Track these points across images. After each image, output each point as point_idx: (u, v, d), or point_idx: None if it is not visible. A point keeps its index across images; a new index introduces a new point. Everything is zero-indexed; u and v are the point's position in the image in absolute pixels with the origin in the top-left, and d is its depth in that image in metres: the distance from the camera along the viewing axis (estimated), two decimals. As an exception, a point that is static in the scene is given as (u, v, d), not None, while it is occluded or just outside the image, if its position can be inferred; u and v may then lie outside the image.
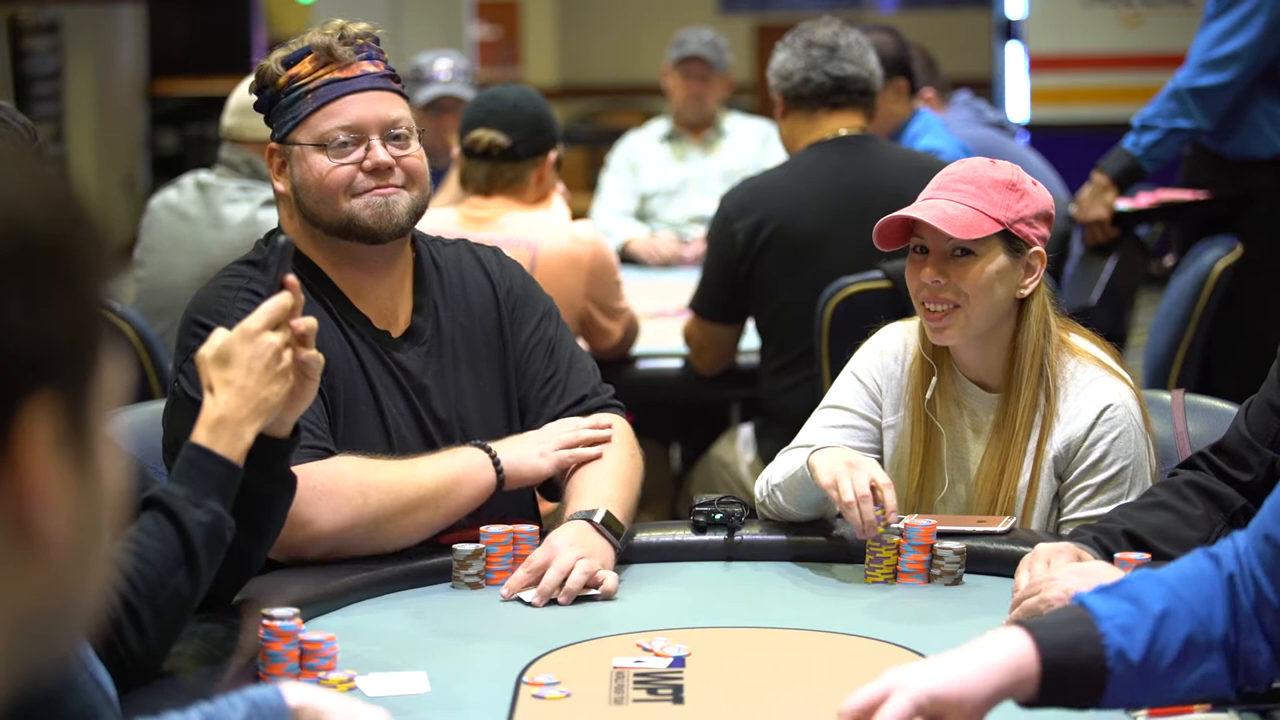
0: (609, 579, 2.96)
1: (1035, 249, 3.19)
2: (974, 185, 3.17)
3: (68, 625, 1.16)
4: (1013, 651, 2.03)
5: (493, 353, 3.26)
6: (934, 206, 3.15)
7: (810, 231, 4.65)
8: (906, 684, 2.00)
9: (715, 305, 4.86)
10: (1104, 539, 2.87)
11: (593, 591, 2.94)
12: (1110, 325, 5.57)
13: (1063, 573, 2.68)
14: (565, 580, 2.92)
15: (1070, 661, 2.03)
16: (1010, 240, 3.17)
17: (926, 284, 3.17)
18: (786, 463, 3.19)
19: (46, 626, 1.13)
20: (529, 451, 3.14)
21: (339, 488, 2.98)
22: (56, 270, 1.10)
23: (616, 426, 3.23)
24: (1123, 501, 3.11)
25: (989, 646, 2.04)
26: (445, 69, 6.56)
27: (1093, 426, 3.17)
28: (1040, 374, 3.19)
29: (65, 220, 1.12)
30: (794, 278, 4.64)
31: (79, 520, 1.12)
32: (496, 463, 3.10)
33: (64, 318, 1.10)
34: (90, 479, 1.13)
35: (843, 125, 4.74)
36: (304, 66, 3.12)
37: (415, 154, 3.15)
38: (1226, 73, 5.42)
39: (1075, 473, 3.19)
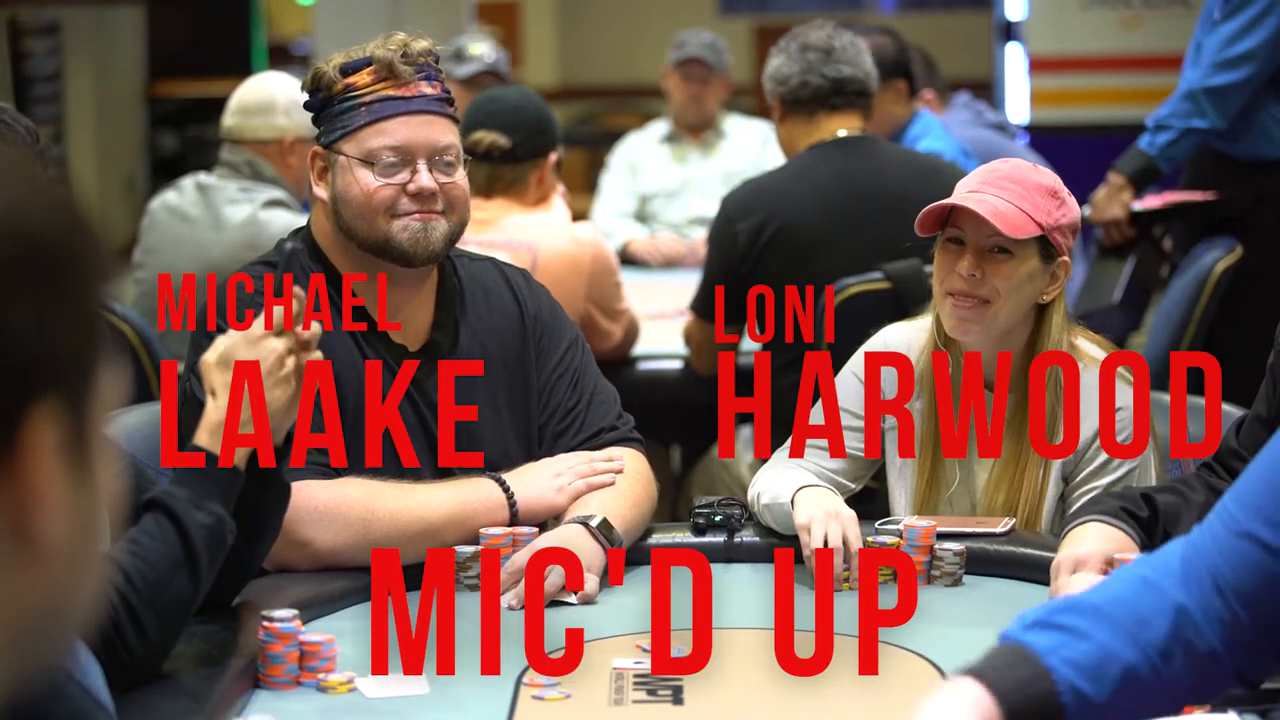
0: (589, 583, 2.95)
1: (1063, 259, 3.19)
2: (1020, 186, 3.16)
3: (63, 629, 1.16)
4: (973, 703, 1.94)
5: (513, 375, 3.23)
6: (985, 201, 3.13)
7: (812, 232, 4.64)
8: None
9: (713, 305, 4.85)
10: (1132, 508, 2.87)
11: (570, 599, 2.94)
12: (1133, 325, 5.59)
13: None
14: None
15: (1028, 705, 1.95)
16: (1045, 246, 3.16)
17: (963, 276, 3.15)
18: (775, 484, 3.18)
19: (43, 631, 1.13)
20: (545, 487, 3.11)
21: (342, 511, 2.97)
22: (61, 276, 1.10)
23: (630, 461, 3.21)
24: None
25: (946, 706, 1.95)
26: (488, 49, 6.70)
27: (1100, 431, 3.17)
28: (1054, 380, 3.19)
29: (68, 226, 1.12)
30: (796, 278, 4.63)
31: (76, 525, 1.12)
32: (511, 501, 3.07)
33: (68, 324, 1.10)
34: (88, 484, 1.13)
35: (841, 127, 4.74)
36: (361, 77, 3.09)
37: (459, 181, 3.13)
38: (1240, 71, 5.44)
39: (1082, 474, 3.19)
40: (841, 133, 4.73)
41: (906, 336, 3.33)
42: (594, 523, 3.02)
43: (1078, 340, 3.25)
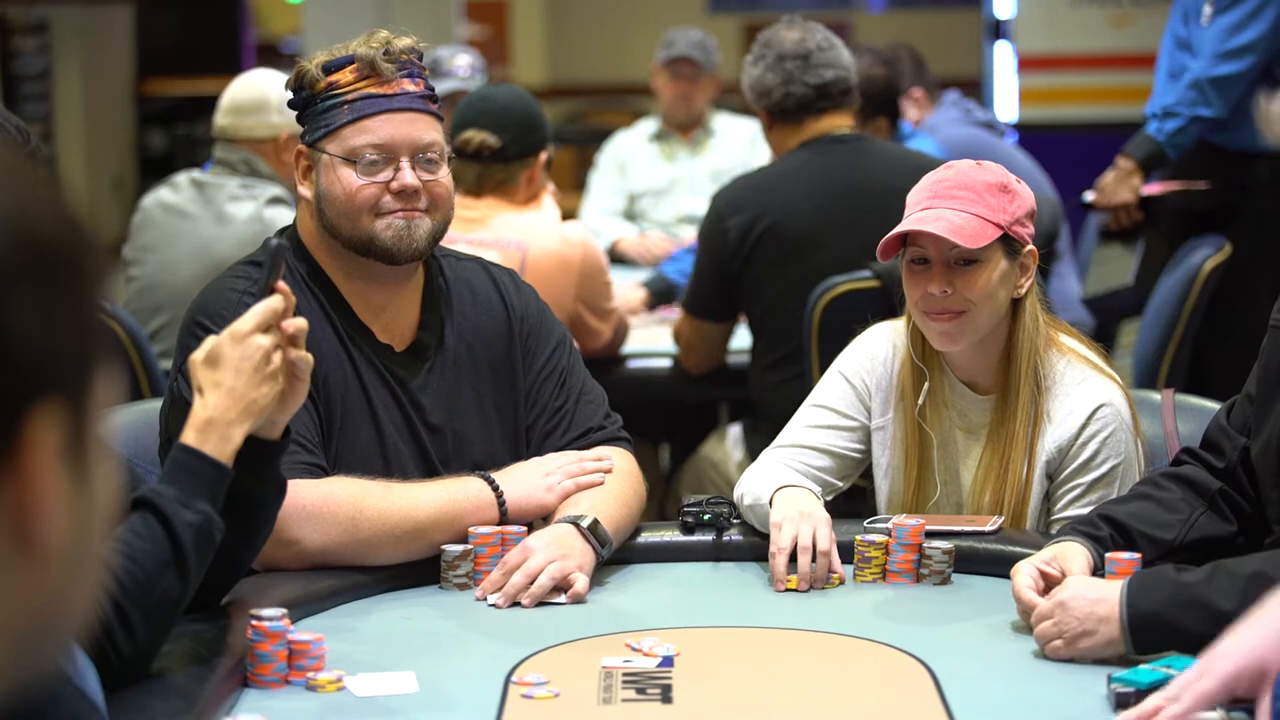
0: (579, 582, 2.94)
1: (1029, 248, 3.19)
2: (970, 191, 3.15)
3: (60, 632, 1.15)
4: None
5: (500, 375, 3.23)
6: (939, 217, 3.12)
7: (803, 230, 4.65)
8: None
9: (705, 303, 4.86)
10: (1083, 527, 2.89)
11: (560, 599, 2.94)
12: (1139, 308, 5.62)
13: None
14: (532, 583, 2.92)
15: None
16: (1008, 242, 3.16)
17: (935, 295, 3.15)
18: (757, 484, 3.19)
19: (40, 633, 1.13)
20: (535, 486, 3.11)
21: (330, 510, 2.96)
22: (62, 279, 1.11)
23: (619, 460, 3.20)
24: (1109, 499, 3.13)
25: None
26: (464, 65, 6.58)
27: (1084, 426, 3.18)
28: (1035, 373, 3.19)
29: (68, 229, 1.13)
30: (786, 276, 4.64)
31: (75, 528, 1.12)
32: (500, 500, 3.07)
33: (71, 326, 1.10)
34: (87, 487, 1.13)
35: (830, 127, 4.74)
36: (344, 75, 3.09)
37: (443, 179, 3.12)
38: (1242, 62, 5.52)
39: (1066, 471, 3.19)
40: (835, 131, 4.74)
41: (891, 337, 3.33)
42: (584, 523, 3.01)
43: (1058, 335, 3.26)
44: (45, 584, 1.11)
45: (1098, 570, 2.80)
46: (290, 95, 3.16)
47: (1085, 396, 3.18)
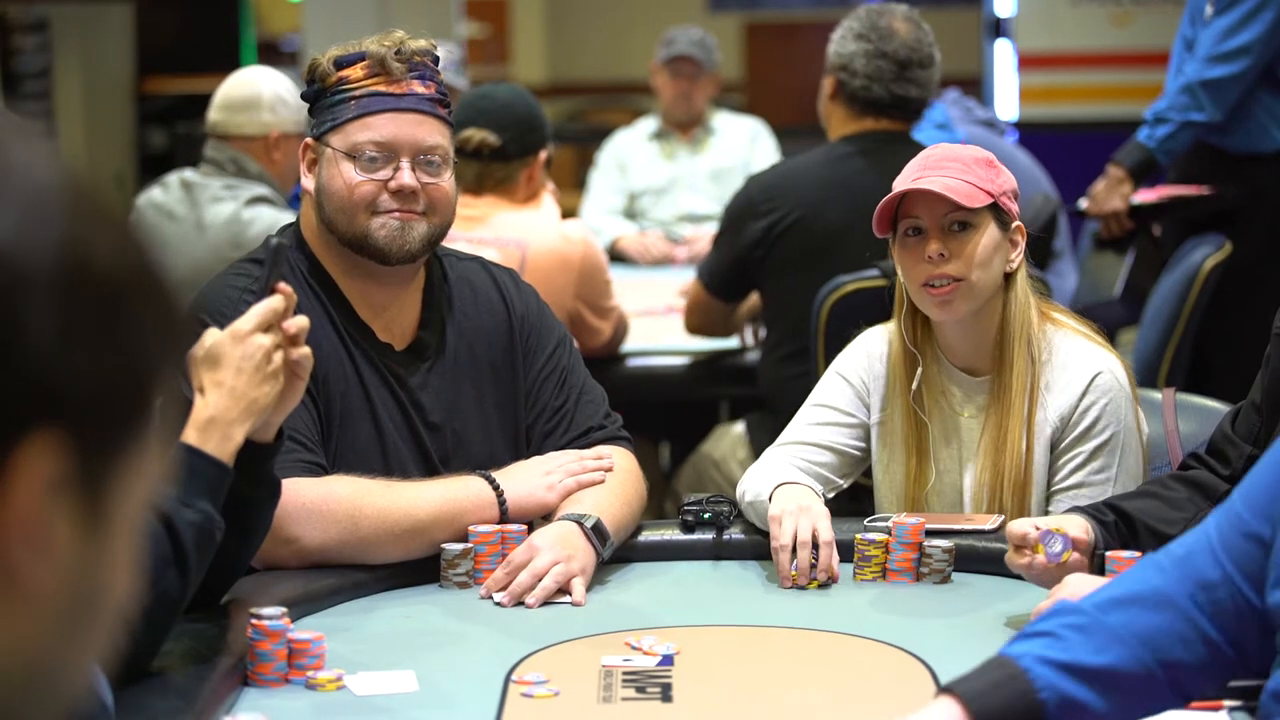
0: (577, 590, 2.94)
1: (1016, 223, 3.23)
2: (959, 163, 3.21)
3: (48, 692, 1.07)
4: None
5: (500, 374, 3.23)
6: (934, 181, 3.17)
7: (833, 226, 4.61)
8: None
9: (720, 280, 4.85)
10: (1089, 508, 2.93)
11: (562, 598, 2.94)
12: (1133, 318, 5.60)
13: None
14: (538, 583, 2.92)
15: (1004, 705, 2.02)
16: (998, 213, 3.19)
17: (932, 258, 3.17)
18: (758, 481, 3.20)
19: (21, 686, 1.05)
20: (536, 485, 3.11)
21: (329, 508, 2.96)
22: (107, 317, 1.04)
23: (620, 460, 3.21)
24: (1111, 469, 3.15)
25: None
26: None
27: (1084, 394, 3.19)
28: (1028, 347, 3.22)
29: (135, 280, 1.07)
30: (811, 270, 4.58)
31: (76, 584, 1.05)
32: (501, 499, 3.07)
33: (100, 364, 1.04)
34: (98, 547, 1.06)
35: (885, 127, 4.69)
36: (355, 71, 3.10)
37: (444, 183, 3.12)
38: (1236, 64, 5.48)
39: (1067, 440, 3.21)
40: (886, 130, 4.68)
41: (886, 337, 3.35)
42: (588, 523, 3.01)
43: (1053, 313, 3.29)
44: (33, 633, 1.04)
45: (1097, 547, 2.83)
46: (288, 94, 3.17)
47: (1083, 365, 3.21)
